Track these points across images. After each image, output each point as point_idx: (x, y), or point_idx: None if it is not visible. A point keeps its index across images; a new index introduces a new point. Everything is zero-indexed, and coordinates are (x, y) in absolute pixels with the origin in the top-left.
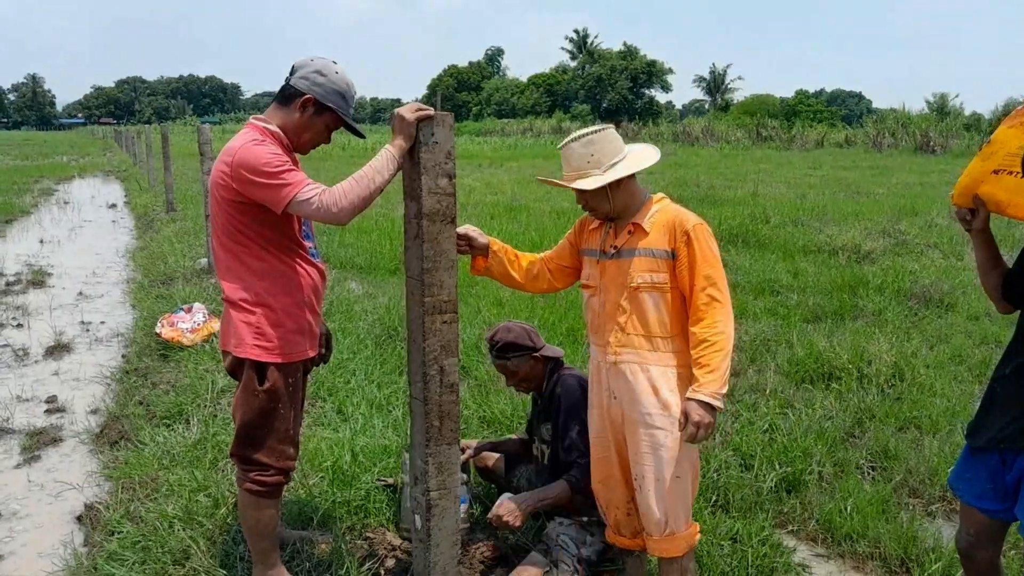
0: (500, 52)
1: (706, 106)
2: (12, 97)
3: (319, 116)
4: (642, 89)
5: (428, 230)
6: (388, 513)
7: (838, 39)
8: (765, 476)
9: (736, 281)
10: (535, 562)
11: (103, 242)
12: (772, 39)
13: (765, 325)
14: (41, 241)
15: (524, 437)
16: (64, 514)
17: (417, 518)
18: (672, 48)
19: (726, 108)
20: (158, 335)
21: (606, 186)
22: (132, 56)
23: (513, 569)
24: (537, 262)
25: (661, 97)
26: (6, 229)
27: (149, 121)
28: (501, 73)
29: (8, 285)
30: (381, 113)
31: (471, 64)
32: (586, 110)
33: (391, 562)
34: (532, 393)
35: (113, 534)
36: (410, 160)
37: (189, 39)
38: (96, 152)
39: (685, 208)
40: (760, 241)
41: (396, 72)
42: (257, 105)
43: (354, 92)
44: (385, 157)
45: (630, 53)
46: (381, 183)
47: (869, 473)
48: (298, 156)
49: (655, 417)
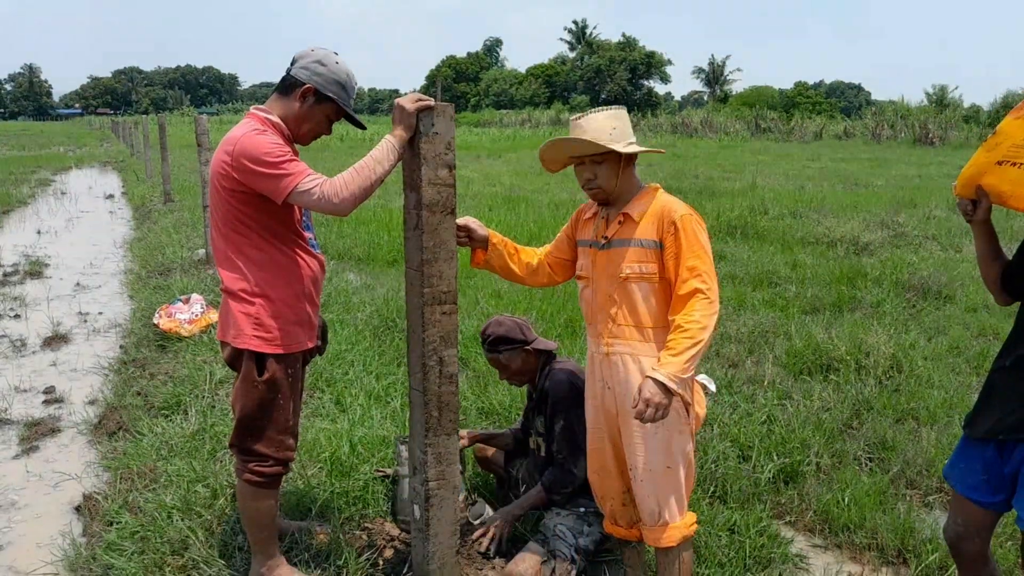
0: (499, 43)
1: (705, 97)
2: (8, 87)
3: (319, 106)
4: (641, 80)
5: (428, 221)
6: (386, 504)
7: (838, 31)
8: (763, 467)
9: (734, 273)
10: (533, 552)
11: (100, 233)
12: (771, 31)
13: (763, 317)
14: (38, 232)
15: (518, 430)
16: (63, 504)
17: (416, 508)
18: (671, 39)
19: (725, 100)
20: (156, 326)
21: (620, 162)
22: (129, 46)
23: (511, 559)
24: (536, 255)
25: (660, 88)
26: (3, 220)
27: (146, 112)
28: (499, 64)
29: (6, 276)
30: (379, 104)
31: (469, 55)
32: (585, 101)
33: (389, 552)
34: (527, 386)
35: (112, 524)
36: (410, 150)
37: (187, 29)
38: (93, 143)
39: (680, 200)
40: (758, 233)
41: (394, 63)
42: (255, 96)
43: (355, 83)
44: (385, 147)
45: (629, 44)
46: (382, 173)
47: (867, 464)
48: (298, 148)
49: None
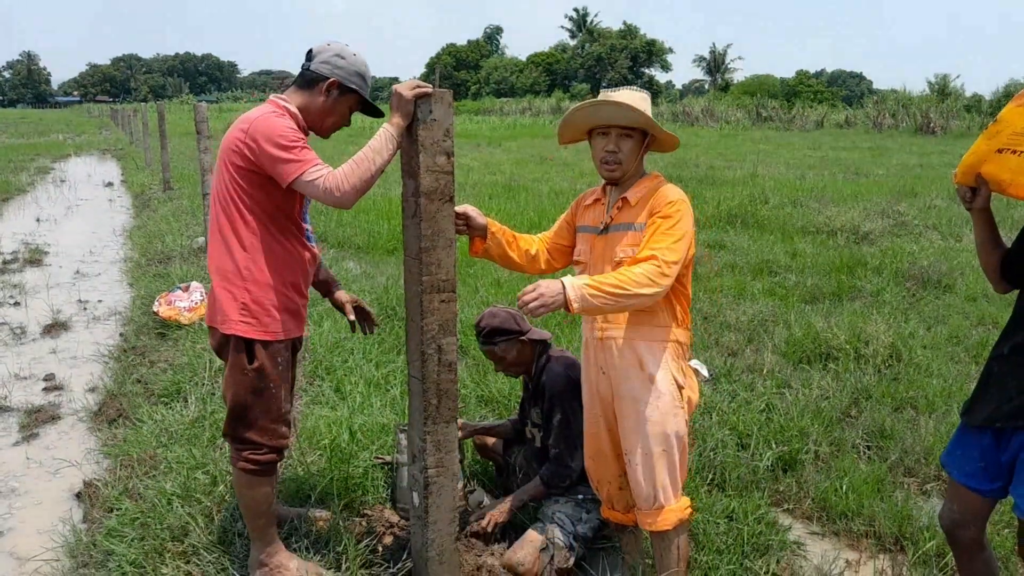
0: (499, 30)
1: (706, 86)
2: (7, 75)
3: (343, 98)
4: (642, 68)
5: (426, 208)
6: (385, 491)
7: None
8: (762, 455)
9: (734, 262)
10: (531, 539)
11: (100, 221)
12: (773, 19)
13: (763, 305)
14: (38, 220)
15: (517, 420)
16: (63, 491)
17: (415, 495)
18: (672, 27)
19: (726, 88)
20: (155, 314)
21: (644, 142)
22: (128, 34)
23: (510, 546)
24: (535, 243)
25: (661, 77)
26: (2, 207)
27: (145, 99)
28: (500, 52)
29: (5, 263)
30: (379, 92)
31: (470, 43)
32: (585, 89)
33: (389, 539)
34: (523, 376)
35: (112, 511)
36: (408, 138)
37: (185, 16)
38: (92, 130)
39: (679, 189)
40: (759, 221)
41: (394, 51)
42: (254, 83)
43: (371, 73)
44: (383, 137)
45: (630, 32)
46: (381, 164)
47: (865, 452)
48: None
49: (641, 392)
